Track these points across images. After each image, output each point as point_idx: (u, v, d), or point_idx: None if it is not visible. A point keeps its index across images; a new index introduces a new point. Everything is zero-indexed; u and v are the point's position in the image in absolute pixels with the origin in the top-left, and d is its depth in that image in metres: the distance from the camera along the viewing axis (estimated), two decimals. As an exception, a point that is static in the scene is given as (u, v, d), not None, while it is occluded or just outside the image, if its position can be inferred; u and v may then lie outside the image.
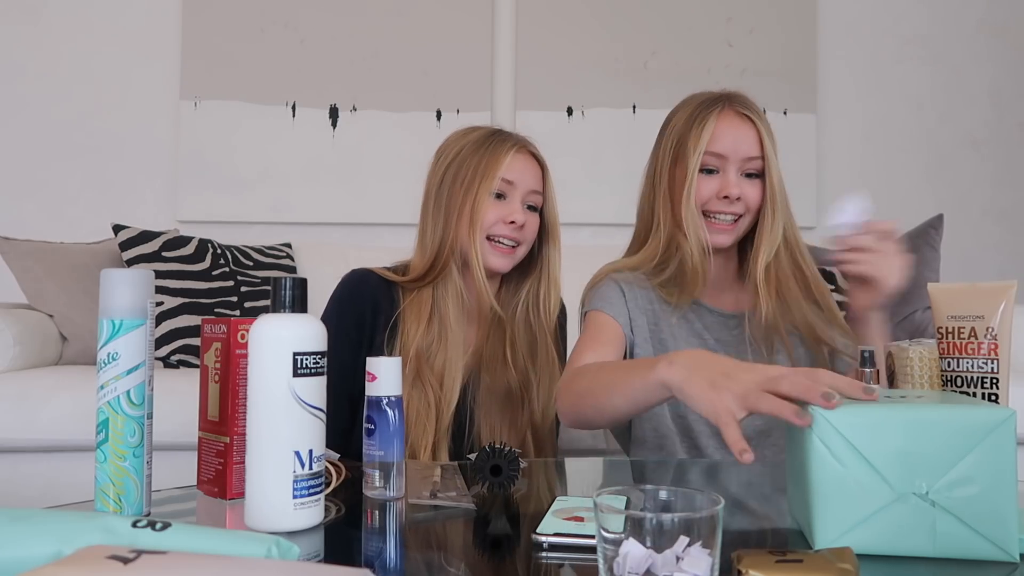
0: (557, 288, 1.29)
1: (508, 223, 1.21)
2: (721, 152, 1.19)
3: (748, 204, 1.21)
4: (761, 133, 1.20)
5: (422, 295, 1.23)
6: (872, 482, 0.67)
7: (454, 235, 1.22)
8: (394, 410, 0.89)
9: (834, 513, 0.67)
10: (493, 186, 1.21)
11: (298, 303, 0.77)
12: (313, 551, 0.71)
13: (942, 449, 0.66)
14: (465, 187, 1.21)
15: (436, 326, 1.21)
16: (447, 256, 1.22)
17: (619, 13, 2.77)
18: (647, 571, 0.51)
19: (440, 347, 1.20)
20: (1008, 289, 0.89)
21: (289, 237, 2.55)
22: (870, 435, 0.67)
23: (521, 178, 1.23)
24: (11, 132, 2.69)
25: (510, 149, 1.23)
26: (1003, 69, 2.84)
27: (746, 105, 1.22)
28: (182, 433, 1.23)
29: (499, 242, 1.22)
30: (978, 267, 2.69)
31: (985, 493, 0.65)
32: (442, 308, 1.22)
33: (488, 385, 1.25)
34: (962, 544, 0.66)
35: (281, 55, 2.71)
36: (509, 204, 1.22)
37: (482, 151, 1.22)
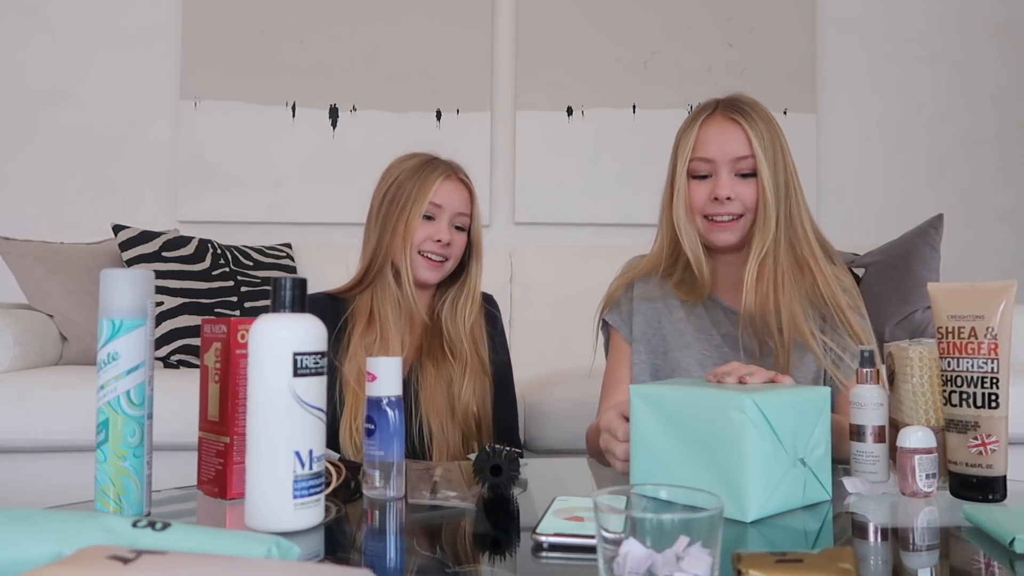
0: (476, 299, 1.45)
1: (436, 241, 1.37)
2: (709, 157, 1.22)
3: (745, 203, 1.21)
4: (749, 134, 1.20)
5: (363, 301, 1.39)
6: (780, 453, 0.83)
7: (389, 248, 1.38)
8: (394, 410, 0.89)
9: (762, 482, 0.80)
10: (423, 208, 1.37)
11: (298, 303, 0.77)
12: (313, 551, 0.71)
13: (807, 422, 0.86)
14: (399, 208, 1.38)
15: (377, 328, 1.37)
16: (381, 265, 1.39)
17: (619, 13, 2.77)
18: (647, 571, 0.51)
19: (382, 346, 1.35)
20: (1008, 289, 0.89)
21: (289, 237, 2.55)
22: (778, 415, 0.83)
23: (448, 201, 1.39)
24: (11, 132, 2.69)
25: (439, 176, 1.39)
26: (1004, 69, 2.84)
27: (736, 107, 1.23)
28: (182, 433, 1.23)
29: (429, 256, 1.38)
30: (978, 267, 2.69)
31: (825, 452, 0.88)
32: (381, 311, 1.38)
33: (432, 373, 1.39)
34: (814, 493, 0.87)
35: (281, 55, 2.71)
36: (437, 224, 1.39)
37: (416, 177, 1.39)
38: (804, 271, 1.23)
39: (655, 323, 1.29)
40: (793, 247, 1.23)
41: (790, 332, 1.20)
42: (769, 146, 1.21)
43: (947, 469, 0.91)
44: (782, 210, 1.22)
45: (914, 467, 0.89)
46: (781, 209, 1.21)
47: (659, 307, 1.30)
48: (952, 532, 0.80)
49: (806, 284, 1.23)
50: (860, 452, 0.96)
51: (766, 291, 1.20)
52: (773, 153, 1.21)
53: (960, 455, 0.89)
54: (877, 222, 2.68)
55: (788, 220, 1.22)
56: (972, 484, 0.88)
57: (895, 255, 2.12)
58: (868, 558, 0.71)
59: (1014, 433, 0.94)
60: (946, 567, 0.71)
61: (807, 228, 1.24)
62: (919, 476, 0.89)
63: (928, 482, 0.89)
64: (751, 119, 1.21)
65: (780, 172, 1.22)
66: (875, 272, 2.12)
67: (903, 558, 0.73)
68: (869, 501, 0.90)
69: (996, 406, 0.88)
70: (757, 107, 1.24)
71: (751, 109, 1.23)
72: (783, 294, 1.20)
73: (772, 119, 1.24)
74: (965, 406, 0.89)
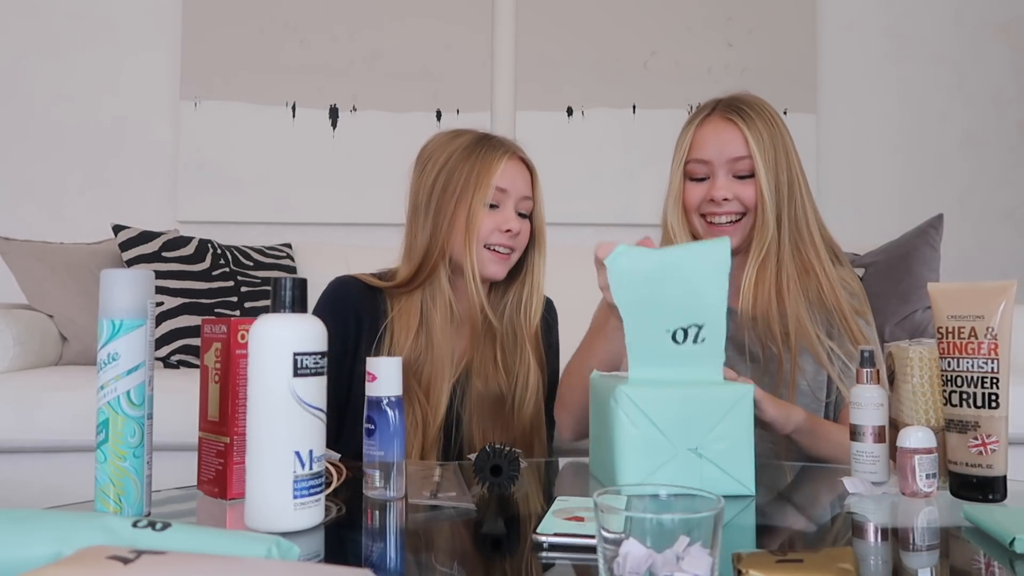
0: (540, 292, 1.30)
1: (504, 231, 1.21)
2: (705, 158, 1.21)
3: (745, 203, 1.20)
4: (746, 134, 1.18)
5: (411, 304, 1.22)
6: (659, 441, 0.88)
7: (445, 243, 1.21)
8: (394, 410, 0.89)
9: (633, 466, 0.88)
10: (488, 195, 1.20)
11: (298, 303, 0.77)
12: (313, 551, 0.71)
13: (707, 416, 0.89)
14: (458, 196, 1.20)
15: (423, 337, 1.21)
16: (435, 263, 1.21)
17: (619, 13, 2.77)
18: (647, 571, 0.51)
19: (427, 358, 1.20)
20: (1008, 289, 0.89)
21: (289, 237, 2.55)
22: (656, 407, 0.88)
23: (513, 185, 1.22)
24: (11, 132, 2.69)
25: (502, 156, 1.22)
26: (1004, 69, 2.84)
27: (734, 107, 1.21)
28: (182, 433, 1.23)
29: (496, 250, 1.22)
30: (978, 267, 2.69)
31: (731, 447, 0.89)
32: (430, 318, 1.21)
33: (480, 391, 1.25)
34: (718, 483, 0.88)
35: (281, 55, 2.71)
36: (503, 212, 1.22)
37: (473, 158, 1.22)
38: (809, 274, 1.20)
39: None
40: (798, 249, 1.20)
41: (796, 337, 1.17)
42: (769, 147, 1.19)
43: (947, 469, 0.91)
44: (784, 211, 1.19)
45: (914, 467, 0.89)
46: (784, 211, 1.19)
47: None
48: (952, 532, 0.80)
49: (811, 287, 1.20)
50: (860, 452, 0.96)
51: (768, 295, 1.18)
52: (774, 154, 1.19)
53: (960, 455, 0.89)
54: (877, 222, 2.68)
55: (792, 222, 1.20)
56: (972, 484, 0.88)
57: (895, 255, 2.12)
58: (868, 558, 0.71)
59: (1014, 433, 0.94)
60: (946, 567, 0.71)
61: (812, 230, 1.21)
62: (919, 476, 0.89)
63: (928, 482, 0.89)
64: (749, 119, 1.19)
65: (782, 172, 1.19)
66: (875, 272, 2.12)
67: (903, 558, 0.73)
68: (869, 501, 0.90)
69: (996, 406, 0.88)
70: (758, 106, 1.22)
71: (750, 109, 1.21)
72: (788, 298, 1.18)
73: (775, 118, 1.22)
74: (965, 406, 0.89)
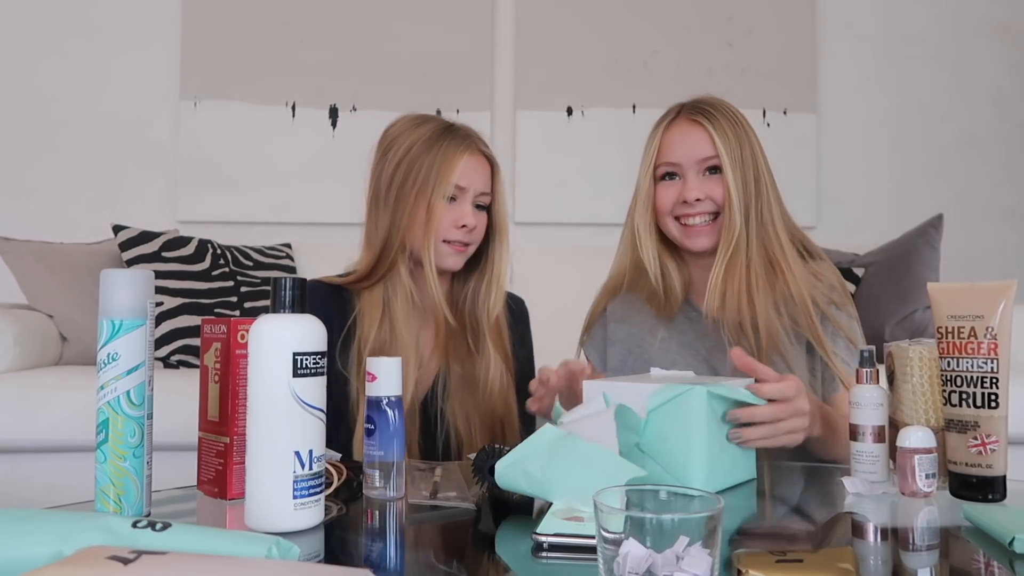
0: (501, 283, 1.29)
1: (460, 227, 1.21)
2: (674, 160, 1.21)
3: (717, 201, 1.19)
4: (712, 134, 1.18)
5: (374, 295, 1.23)
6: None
7: (404, 235, 1.21)
8: (394, 410, 0.89)
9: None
10: (447, 192, 1.19)
11: (298, 303, 0.77)
12: (313, 551, 0.71)
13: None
14: (418, 189, 1.20)
15: (387, 327, 1.21)
16: (395, 255, 1.21)
17: (619, 13, 2.77)
18: (647, 571, 0.51)
19: (391, 348, 1.20)
20: (1008, 289, 0.89)
21: (289, 237, 2.55)
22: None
23: (472, 181, 1.22)
24: (11, 132, 2.68)
25: (463, 151, 1.21)
26: (1004, 69, 2.84)
27: (698, 109, 1.21)
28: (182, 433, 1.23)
29: (452, 243, 1.22)
30: (978, 267, 2.69)
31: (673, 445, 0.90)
32: (392, 309, 1.22)
33: (459, 375, 1.26)
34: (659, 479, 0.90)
35: (281, 55, 2.71)
36: (460, 207, 1.22)
37: (434, 152, 1.20)
38: (776, 271, 1.19)
39: (636, 347, 1.26)
40: (764, 247, 1.19)
41: (766, 336, 1.16)
42: (735, 145, 1.18)
43: (947, 469, 0.91)
44: (752, 209, 1.18)
45: (914, 467, 0.89)
46: (751, 208, 1.18)
47: (638, 330, 1.26)
48: (952, 532, 0.80)
49: (778, 285, 1.18)
50: (860, 452, 0.96)
51: (736, 294, 1.17)
52: (740, 152, 1.18)
53: (960, 455, 0.89)
54: (877, 222, 2.68)
55: (759, 219, 1.19)
56: (972, 484, 0.88)
57: (895, 255, 2.12)
58: (868, 558, 0.71)
59: (1014, 433, 0.94)
60: (946, 567, 0.71)
61: (779, 227, 1.20)
62: (919, 476, 0.89)
63: (928, 482, 0.89)
64: (714, 119, 1.19)
65: (748, 170, 1.18)
66: (875, 272, 2.12)
67: (903, 558, 0.73)
68: (869, 501, 0.90)
69: (996, 406, 0.88)
70: (722, 107, 1.22)
71: (714, 109, 1.21)
72: (757, 297, 1.16)
73: (738, 117, 1.22)
74: (965, 406, 0.89)
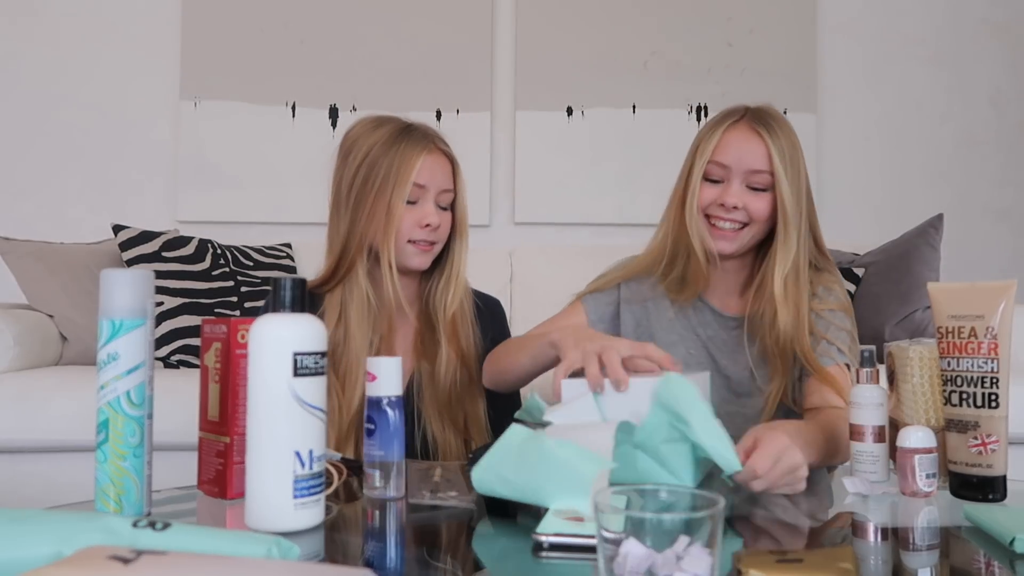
0: (460, 279, 1.30)
1: (424, 227, 1.22)
2: (725, 163, 1.22)
3: (752, 215, 1.22)
4: (771, 148, 1.20)
5: (333, 300, 1.24)
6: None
7: (364, 236, 1.22)
8: (394, 410, 0.89)
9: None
10: (407, 192, 1.20)
11: (298, 303, 0.77)
12: (313, 551, 0.71)
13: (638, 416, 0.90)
14: (377, 191, 1.20)
15: (341, 330, 1.22)
16: (353, 257, 1.22)
17: (619, 13, 2.77)
18: (647, 571, 0.51)
19: (343, 351, 1.21)
20: (1008, 289, 0.89)
21: (289, 237, 2.55)
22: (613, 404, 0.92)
23: (432, 180, 1.22)
24: (11, 132, 2.69)
25: (421, 151, 1.21)
26: (1003, 69, 2.84)
27: (762, 120, 1.22)
28: (182, 433, 1.23)
29: (417, 242, 1.23)
30: (978, 267, 2.69)
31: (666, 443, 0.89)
32: (347, 312, 1.23)
33: (429, 372, 1.27)
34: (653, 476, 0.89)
35: (281, 55, 2.71)
36: (422, 207, 1.22)
37: (392, 153, 1.20)
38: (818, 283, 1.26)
39: (644, 323, 1.31)
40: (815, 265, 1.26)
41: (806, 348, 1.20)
42: (790, 163, 1.21)
43: (947, 469, 0.91)
44: (804, 226, 1.23)
45: (914, 467, 0.89)
46: (803, 225, 1.22)
47: (648, 307, 1.31)
48: (952, 532, 0.80)
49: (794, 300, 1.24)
50: (860, 452, 0.96)
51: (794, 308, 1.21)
52: (794, 171, 1.21)
53: (960, 455, 0.89)
54: (877, 222, 2.68)
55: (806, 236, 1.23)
56: (972, 484, 0.88)
57: (895, 255, 2.12)
58: (868, 558, 0.71)
59: (1014, 433, 0.94)
60: (946, 567, 0.71)
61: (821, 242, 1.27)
62: (919, 476, 0.89)
63: (928, 482, 0.89)
64: (775, 134, 1.21)
65: (799, 189, 1.22)
66: (875, 272, 2.11)
67: (903, 558, 0.73)
68: (869, 501, 0.90)
69: (996, 406, 0.88)
70: (782, 122, 1.24)
71: (777, 125, 1.23)
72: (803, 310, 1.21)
73: (794, 135, 1.24)
74: (965, 406, 0.89)
